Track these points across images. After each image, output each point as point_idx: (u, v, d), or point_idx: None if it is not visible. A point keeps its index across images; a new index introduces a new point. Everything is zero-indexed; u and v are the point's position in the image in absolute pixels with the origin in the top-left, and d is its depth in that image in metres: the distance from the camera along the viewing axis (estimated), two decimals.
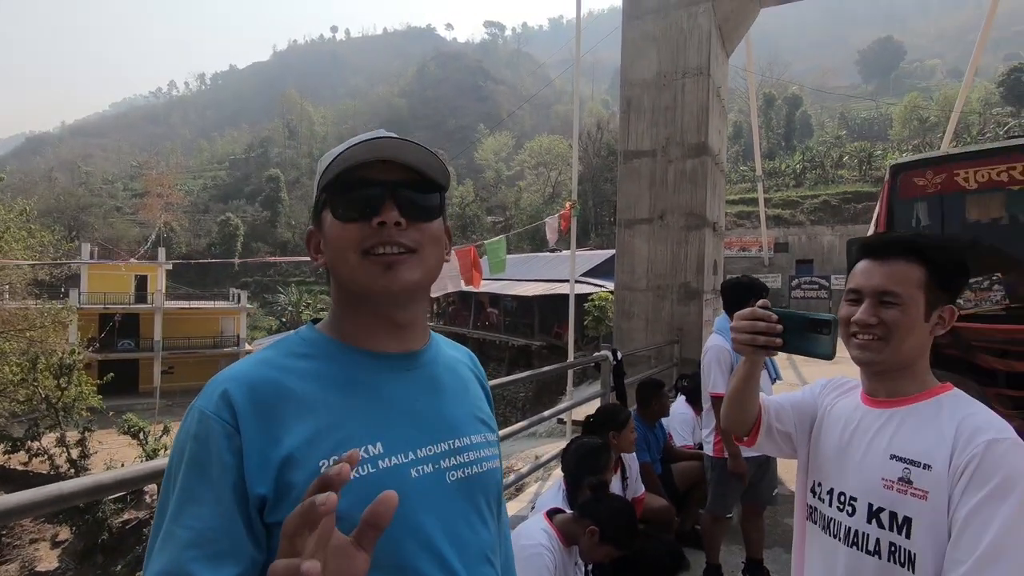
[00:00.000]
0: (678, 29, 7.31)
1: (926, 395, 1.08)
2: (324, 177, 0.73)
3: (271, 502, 0.61)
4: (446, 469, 0.71)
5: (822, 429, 1.20)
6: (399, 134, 0.75)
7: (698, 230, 7.21)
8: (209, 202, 77.50)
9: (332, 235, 0.73)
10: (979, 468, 0.94)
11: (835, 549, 1.10)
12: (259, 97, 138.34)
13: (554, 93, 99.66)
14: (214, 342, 33.78)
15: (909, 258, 1.07)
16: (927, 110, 58.05)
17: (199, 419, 0.63)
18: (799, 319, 1.04)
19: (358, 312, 0.75)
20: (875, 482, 1.04)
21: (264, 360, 0.69)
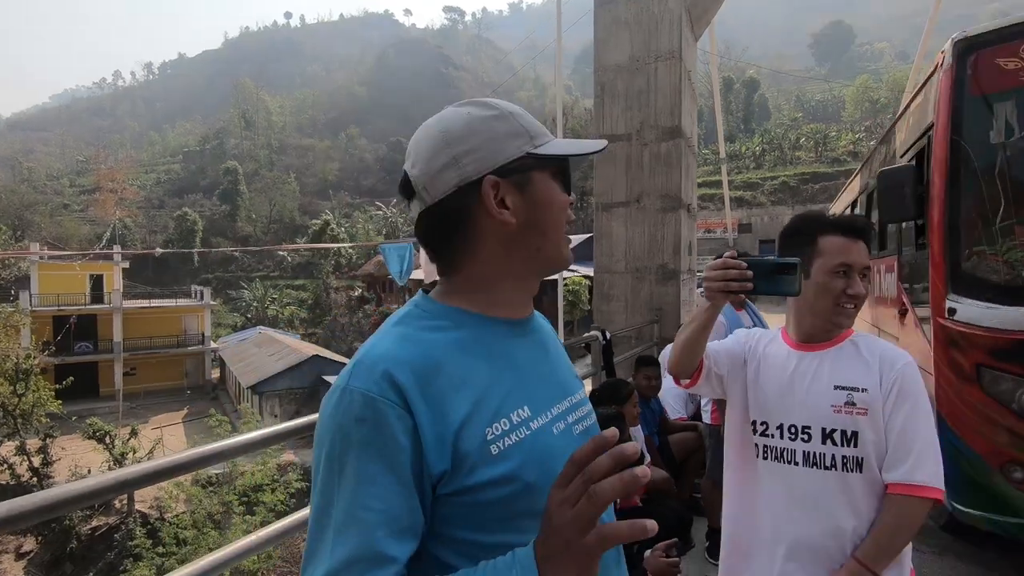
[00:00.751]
0: (649, 13, 7.39)
1: (844, 337, 1.35)
2: (539, 138, 0.74)
3: (448, 474, 0.63)
4: (572, 423, 0.76)
5: (760, 375, 1.38)
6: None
7: (674, 212, 7.37)
8: (164, 197, 74.79)
9: (555, 201, 0.75)
10: (901, 385, 1.26)
11: (791, 473, 1.30)
12: (212, 87, 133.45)
13: (516, 80, 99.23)
14: (177, 341, 32.80)
15: (866, 239, 1.34)
16: (877, 92, 60.14)
17: (364, 402, 0.62)
18: (766, 263, 1.17)
19: (516, 278, 0.76)
20: (825, 410, 1.28)
21: (407, 336, 0.69)
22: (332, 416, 0.64)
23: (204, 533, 12.86)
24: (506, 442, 0.66)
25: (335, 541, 0.60)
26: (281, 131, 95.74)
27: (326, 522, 0.61)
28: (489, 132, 0.72)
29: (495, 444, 0.65)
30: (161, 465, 1.29)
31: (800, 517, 1.29)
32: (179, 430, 24.91)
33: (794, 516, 1.30)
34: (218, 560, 1.42)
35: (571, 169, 0.79)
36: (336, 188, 79.12)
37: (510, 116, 0.73)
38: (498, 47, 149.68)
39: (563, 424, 0.74)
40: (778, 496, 1.32)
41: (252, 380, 24.95)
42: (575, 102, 58.15)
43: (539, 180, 0.73)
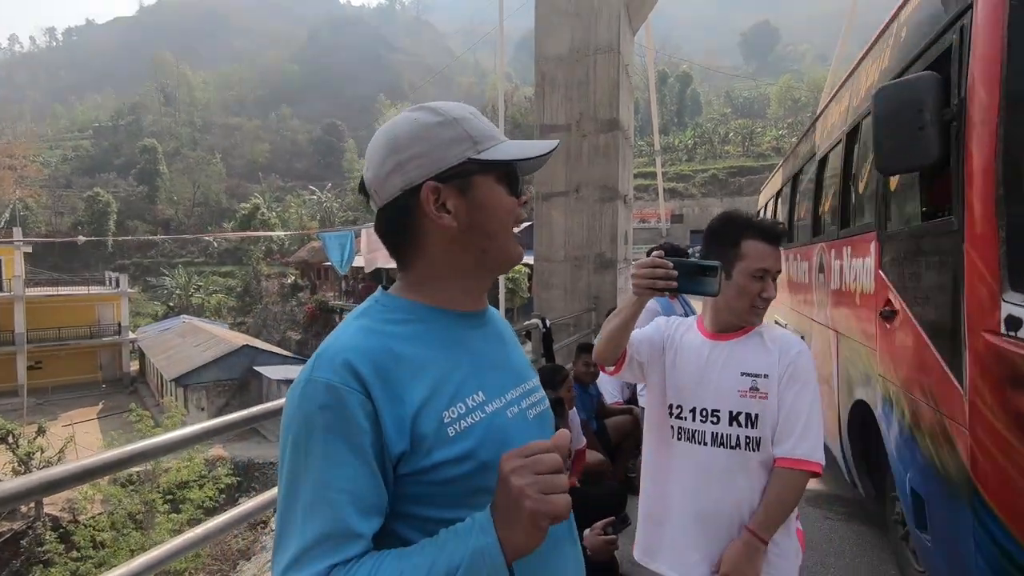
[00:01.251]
0: (589, 6, 7.49)
1: (750, 328, 1.48)
2: (483, 143, 0.76)
3: (407, 455, 0.68)
4: (526, 408, 0.82)
5: (677, 362, 1.51)
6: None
7: (611, 202, 7.56)
8: (72, 176, 68.99)
9: (499, 204, 0.78)
10: (794, 370, 1.41)
11: (701, 452, 1.44)
12: (125, 57, 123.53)
13: (456, 65, 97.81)
14: (91, 332, 30.52)
15: (781, 244, 1.47)
16: (799, 91, 63.66)
17: (327, 390, 0.66)
18: (690, 265, 1.27)
19: (465, 277, 0.80)
20: (732, 394, 1.42)
21: (368, 328, 0.74)
22: (299, 406, 0.67)
23: (124, 535, 12.14)
24: (462, 424, 0.71)
25: (304, 520, 0.63)
26: (205, 108, 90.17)
27: (294, 504, 0.65)
28: (432, 139, 0.75)
29: (452, 426, 0.70)
30: (95, 463, 1.23)
31: (707, 491, 1.43)
32: (94, 427, 23.29)
33: (701, 490, 1.44)
34: (154, 559, 1.37)
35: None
36: (266, 170, 75.54)
37: (455, 122, 0.76)
38: (437, 30, 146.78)
39: (516, 409, 0.80)
40: (688, 472, 1.46)
41: (176, 372, 23.66)
42: (515, 89, 58.08)
43: (481, 184, 0.76)
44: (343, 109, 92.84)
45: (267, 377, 22.66)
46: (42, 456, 15.82)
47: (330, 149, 78.32)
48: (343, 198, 57.63)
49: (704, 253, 1.52)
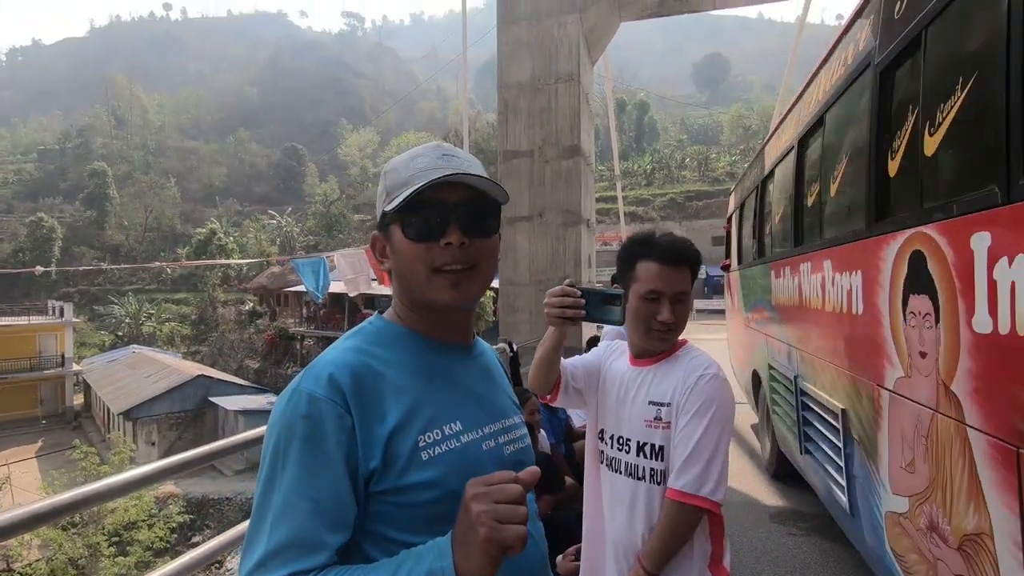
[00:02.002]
0: (550, 36, 7.72)
1: (673, 351, 1.44)
2: (392, 193, 0.78)
3: (379, 473, 0.70)
4: (503, 444, 0.83)
5: (603, 388, 1.50)
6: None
7: (574, 227, 7.70)
8: (12, 200, 65.87)
9: (403, 251, 0.79)
10: (690, 396, 1.34)
11: (617, 481, 1.42)
12: (73, 79, 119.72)
13: (419, 91, 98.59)
14: (31, 364, 28.83)
15: (689, 264, 1.40)
16: (749, 119, 66.59)
17: (310, 401, 0.69)
18: (597, 294, 1.26)
19: (424, 313, 0.83)
20: (640, 424, 1.38)
21: (355, 348, 0.77)
22: (282, 414, 0.71)
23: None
24: (436, 450, 0.72)
25: (272, 527, 0.65)
26: (159, 132, 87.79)
27: (265, 510, 0.67)
28: (378, 193, 0.83)
29: (426, 451, 0.72)
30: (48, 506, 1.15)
31: (619, 519, 1.42)
32: (32, 466, 21.84)
33: (616, 517, 1.43)
34: None
35: None
36: (224, 194, 73.72)
37: (385, 175, 0.82)
38: (399, 56, 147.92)
39: (493, 443, 0.81)
40: (606, 498, 1.47)
41: (125, 405, 22.52)
42: (477, 115, 58.79)
43: (393, 232, 0.80)
44: (304, 133, 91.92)
45: (223, 408, 21.81)
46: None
47: (290, 173, 77.18)
48: (303, 222, 56.69)
49: (614, 278, 1.59)
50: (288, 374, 26.38)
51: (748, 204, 5.34)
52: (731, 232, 6.90)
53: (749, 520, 3.74)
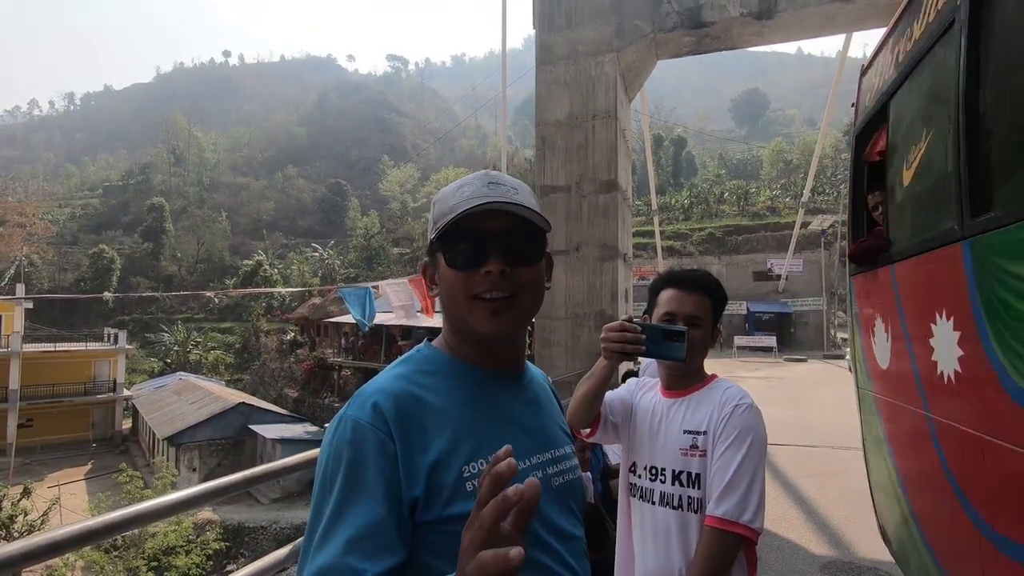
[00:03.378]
0: (587, 76, 7.89)
1: (704, 383, 1.47)
2: (438, 222, 0.80)
3: (423, 503, 0.70)
4: (551, 475, 0.82)
5: (634, 421, 1.52)
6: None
7: (611, 261, 7.69)
8: (79, 233, 70.01)
9: (446, 279, 0.81)
10: (727, 425, 1.35)
11: (652, 511, 1.42)
12: (139, 121, 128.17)
13: (459, 128, 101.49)
14: (85, 388, 30.11)
15: (706, 292, 1.45)
16: (790, 154, 65.74)
17: (354, 427, 0.71)
18: (658, 330, 1.26)
19: (470, 341, 0.83)
20: (675, 452, 1.39)
21: (401, 375, 0.78)
22: (330, 441, 0.73)
23: None
24: (480, 480, 0.68)
25: (315, 552, 0.66)
26: (213, 168, 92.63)
27: (313, 534, 0.68)
28: (429, 221, 0.85)
29: (470, 481, 0.71)
30: (94, 526, 1.22)
31: (653, 550, 1.42)
32: (81, 488, 22.58)
33: (649, 549, 1.43)
34: None
35: None
36: (270, 228, 76.72)
37: (434, 205, 0.84)
38: (441, 96, 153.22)
39: (540, 473, 0.80)
40: (639, 530, 1.47)
41: (169, 431, 23.16)
42: (515, 151, 59.95)
43: (439, 260, 0.82)
44: (348, 170, 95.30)
45: (262, 436, 22.18)
46: (25, 519, 15.26)
47: (334, 208, 79.86)
48: (345, 255, 58.27)
49: (645, 311, 1.61)
50: (325, 404, 26.72)
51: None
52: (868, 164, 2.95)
53: (796, 570, 3.55)
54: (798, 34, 8.09)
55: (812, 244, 33.17)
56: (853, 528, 4.25)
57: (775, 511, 4.66)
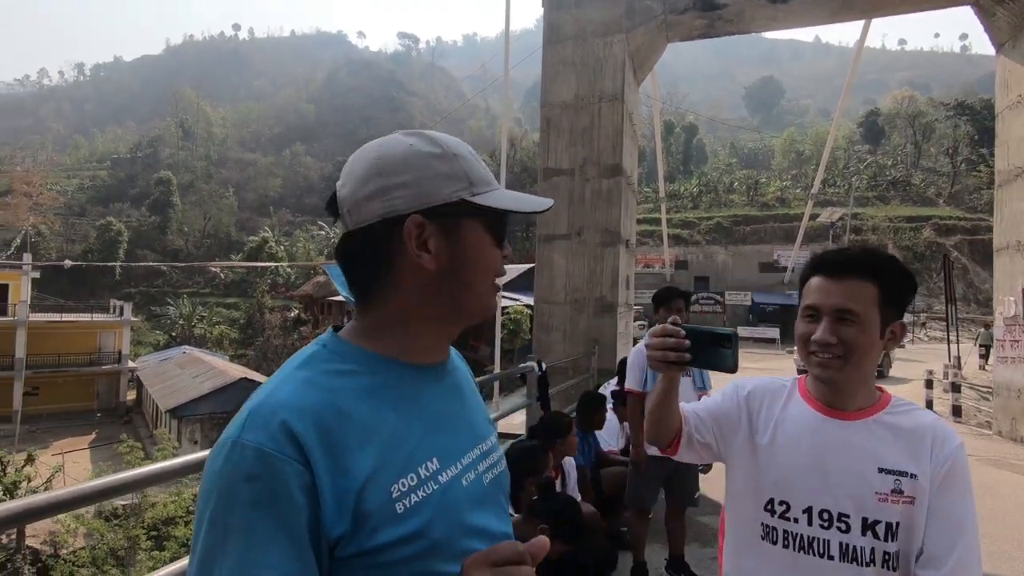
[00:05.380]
0: (595, 56, 7.72)
1: (884, 403, 1.14)
2: (479, 186, 0.71)
3: (347, 537, 0.58)
4: (482, 472, 0.74)
5: (776, 443, 1.16)
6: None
7: (613, 246, 7.59)
8: (86, 204, 70.17)
9: (482, 255, 0.72)
10: (952, 471, 1.06)
11: (821, 567, 1.09)
12: (148, 93, 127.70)
13: (467, 108, 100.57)
14: (90, 359, 30.40)
15: (863, 276, 1.10)
16: (802, 144, 64.93)
17: (256, 457, 0.56)
18: (703, 334, 1.05)
19: (430, 324, 0.72)
20: (868, 496, 1.07)
21: (309, 382, 0.63)
22: (220, 473, 0.57)
23: (104, 571, 11.75)
24: (412, 499, 0.62)
25: None
26: (222, 144, 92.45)
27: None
28: (426, 169, 0.68)
29: (400, 502, 0.61)
30: (72, 493, 1.20)
31: None
32: (84, 456, 22.90)
33: None
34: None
35: None
36: (277, 205, 76.73)
37: (453, 158, 0.70)
38: (451, 75, 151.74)
39: (473, 474, 0.71)
40: None
41: (171, 403, 23.41)
42: (524, 134, 59.43)
43: (469, 229, 0.70)
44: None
45: None
46: (29, 485, 15.49)
47: None
48: None
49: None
50: None
51: None
52: None
53: None
54: (813, 20, 7.88)
55: (820, 236, 32.86)
56: None
57: None
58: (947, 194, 44.25)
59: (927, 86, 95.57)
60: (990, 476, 5.83)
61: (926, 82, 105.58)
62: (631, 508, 3.21)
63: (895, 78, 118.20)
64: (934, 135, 54.61)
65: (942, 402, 10.37)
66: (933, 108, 54.57)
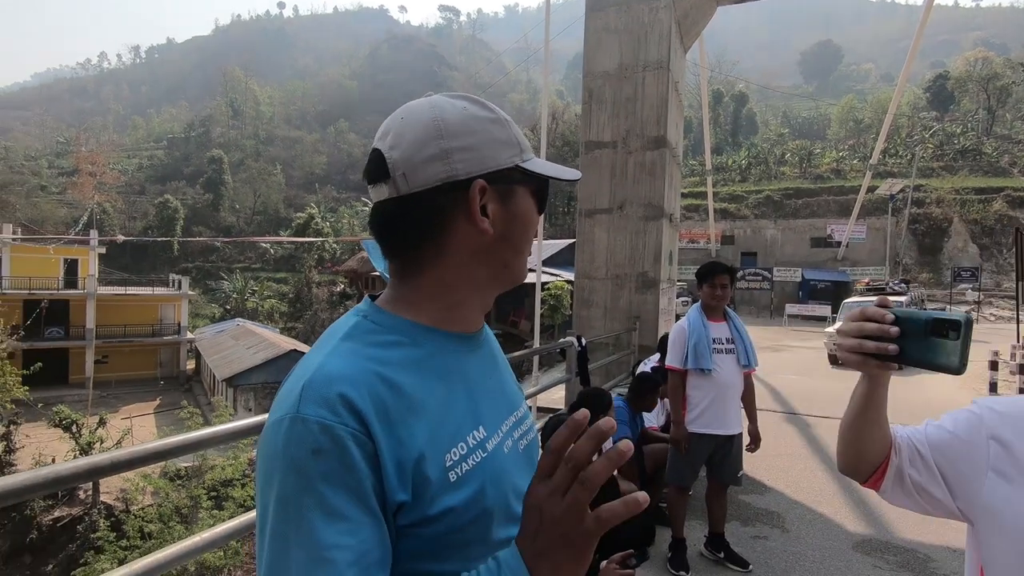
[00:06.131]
0: (639, 23, 7.44)
1: None
2: (527, 153, 0.73)
3: (409, 505, 0.59)
4: (517, 439, 0.75)
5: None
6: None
7: (655, 221, 7.42)
8: (145, 183, 73.41)
9: (530, 222, 0.74)
10: None
11: None
12: (199, 74, 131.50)
13: (508, 82, 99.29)
14: (152, 330, 32.17)
15: None
16: (861, 112, 61.33)
17: (321, 430, 0.56)
18: (920, 320, 0.80)
19: (477, 292, 0.73)
20: None
21: (359, 353, 0.63)
22: (284, 450, 0.57)
23: (170, 527, 12.59)
24: (464, 467, 0.63)
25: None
26: (269, 122, 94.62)
27: (285, 567, 0.55)
28: (486, 134, 0.68)
29: (454, 470, 0.62)
30: (134, 453, 1.29)
31: None
32: (150, 421, 24.43)
33: None
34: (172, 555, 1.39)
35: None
36: (323, 182, 78.36)
37: (507, 123, 0.71)
38: (492, 48, 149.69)
39: (511, 442, 0.72)
40: None
41: (227, 373, 24.57)
42: (566, 107, 58.33)
43: (521, 195, 0.71)
44: None
45: None
46: (101, 446, 16.67)
47: None
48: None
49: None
50: None
51: None
52: None
53: (829, 546, 3.44)
54: None
55: (878, 210, 31.23)
56: (894, 508, 4.07)
57: (813, 484, 4.52)
58: (1023, 163, 41.13)
59: (1004, 46, 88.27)
60: None
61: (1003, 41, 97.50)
62: (671, 484, 3.19)
63: (968, 38, 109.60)
64: (1010, 99, 50.60)
65: (1008, 384, 9.82)
66: (1011, 70, 50.36)
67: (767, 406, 7.95)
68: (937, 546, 3.48)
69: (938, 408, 7.05)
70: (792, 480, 4.56)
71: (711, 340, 3.05)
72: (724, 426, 3.07)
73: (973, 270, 29.09)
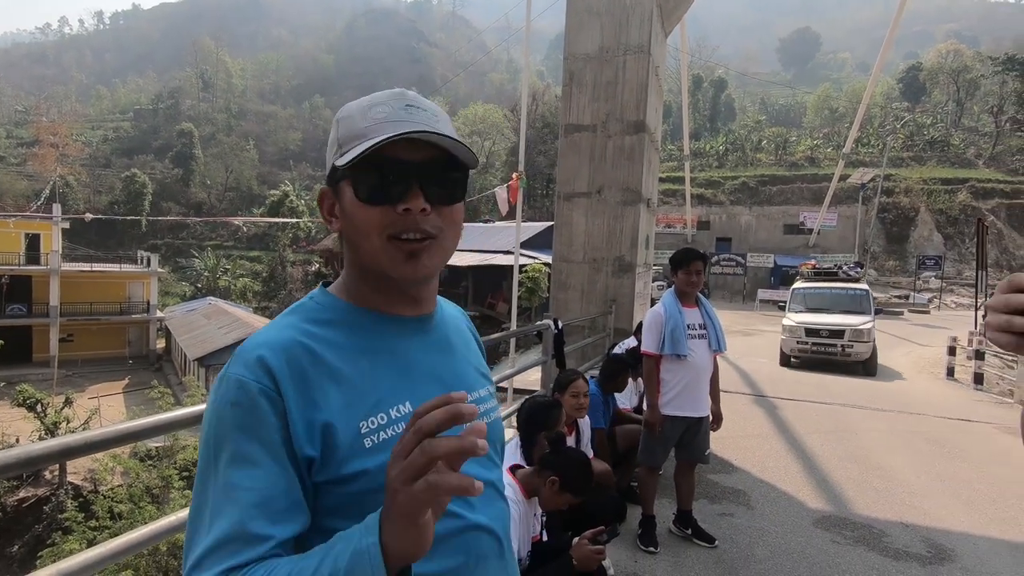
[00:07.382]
0: (621, 5, 7.40)
1: None
2: (345, 146, 0.71)
3: (318, 463, 0.65)
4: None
5: None
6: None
7: (633, 205, 7.47)
8: (111, 156, 70.80)
9: (354, 214, 0.71)
10: None
11: None
12: (167, 42, 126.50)
13: (489, 61, 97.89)
14: (120, 308, 31.38)
15: None
16: (836, 101, 62.21)
17: (238, 386, 0.65)
18: None
19: (376, 283, 0.76)
20: None
21: (290, 326, 0.72)
22: (213, 402, 0.67)
23: (141, 508, 12.45)
24: (381, 436, 0.68)
25: (211, 521, 0.61)
26: (241, 95, 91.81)
27: (203, 504, 0.63)
28: (329, 143, 0.76)
29: (369, 437, 0.67)
30: (107, 433, 1.27)
31: None
32: (118, 400, 23.95)
33: None
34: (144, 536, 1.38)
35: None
36: (297, 159, 76.62)
37: (337, 123, 0.75)
38: (473, 26, 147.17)
39: None
40: None
41: (199, 352, 24.16)
42: (547, 88, 57.89)
43: (343, 190, 0.73)
44: None
45: None
46: (68, 426, 16.32)
47: None
48: None
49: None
50: None
51: None
52: None
53: (791, 523, 3.58)
54: None
55: (849, 198, 31.90)
56: (853, 486, 4.26)
57: (778, 464, 4.68)
58: (988, 156, 42.31)
59: (976, 39, 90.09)
60: (1005, 444, 5.80)
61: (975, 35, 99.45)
62: (643, 465, 3.28)
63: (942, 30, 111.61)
64: (979, 92, 51.85)
65: (964, 369, 10.24)
66: (980, 63, 51.50)
67: (737, 389, 8.16)
68: (892, 521, 3.65)
69: (933, 401, 7.20)
70: (758, 460, 4.72)
71: (686, 326, 3.11)
72: (695, 408, 3.16)
73: (937, 258, 30.01)
